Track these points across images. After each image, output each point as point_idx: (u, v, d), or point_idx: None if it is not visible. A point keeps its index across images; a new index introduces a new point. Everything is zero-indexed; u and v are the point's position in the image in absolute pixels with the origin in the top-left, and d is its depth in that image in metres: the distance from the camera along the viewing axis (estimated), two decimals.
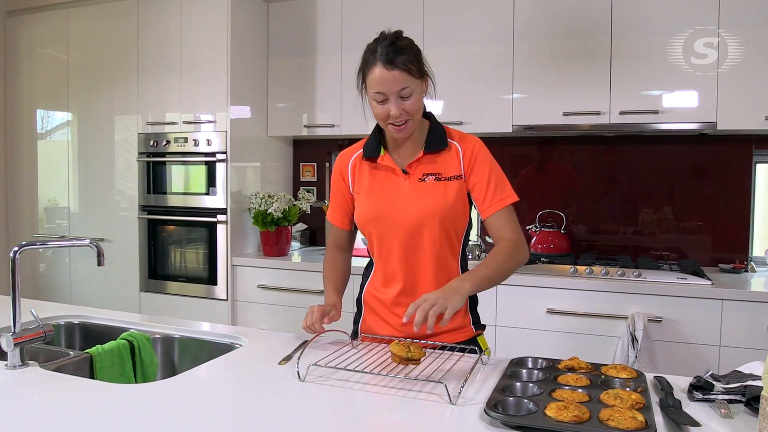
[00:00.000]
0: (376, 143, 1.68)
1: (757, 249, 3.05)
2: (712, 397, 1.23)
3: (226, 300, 3.29)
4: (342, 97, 3.36)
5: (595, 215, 3.25)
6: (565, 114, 2.92)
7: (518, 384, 1.25)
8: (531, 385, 1.24)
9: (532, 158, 3.35)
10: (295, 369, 1.41)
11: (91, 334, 1.92)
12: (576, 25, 2.91)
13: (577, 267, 2.77)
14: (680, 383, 1.33)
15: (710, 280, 2.57)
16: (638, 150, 3.15)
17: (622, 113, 2.83)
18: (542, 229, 3.20)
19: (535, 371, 1.33)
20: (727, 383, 1.27)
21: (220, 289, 3.31)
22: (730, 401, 1.22)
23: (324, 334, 1.62)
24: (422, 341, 1.52)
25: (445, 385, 1.22)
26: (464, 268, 1.68)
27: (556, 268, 2.82)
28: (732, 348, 2.44)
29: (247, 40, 3.36)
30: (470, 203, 1.66)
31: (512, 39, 3.01)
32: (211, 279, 3.33)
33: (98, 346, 1.64)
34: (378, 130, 1.70)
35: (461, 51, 3.11)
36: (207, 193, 3.33)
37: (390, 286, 1.66)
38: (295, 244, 3.68)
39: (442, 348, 1.53)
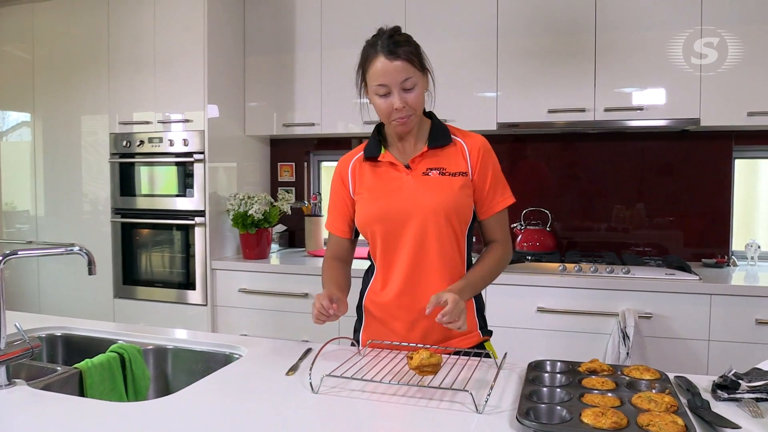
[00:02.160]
0: (376, 143, 1.64)
1: (737, 243, 3.09)
2: (738, 396, 1.22)
3: (206, 305, 3.18)
4: (322, 95, 3.28)
5: (577, 212, 3.26)
6: (550, 111, 2.91)
7: (545, 389, 1.21)
8: (558, 390, 1.20)
9: (515, 155, 3.33)
10: (304, 380, 1.34)
11: (74, 347, 1.81)
12: (560, 22, 2.90)
13: (566, 265, 2.76)
14: (700, 382, 1.31)
15: (697, 275, 2.59)
16: (620, 147, 3.17)
17: (606, 110, 2.83)
18: (527, 227, 3.18)
19: (558, 375, 1.29)
20: (750, 381, 1.25)
21: (198, 294, 3.20)
22: (757, 400, 1.20)
23: (326, 341, 1.56)
24: (432, 347, 1.46)
25: (471, 394, 1.17)
26: (469, 267, 1.64)
27: (544, 267, 2.80)
28: (721, 342, 2.47)
29: (223, 36, 3.25)
30: None
31: (496, 36, 2.98)
32: (189, 284, 3.21)
33: (87, 360, 1.53)
34: (377, 131, 1.66)
35: (444, 47, 3.06)
36: (183, 195, 3.21)
37: (393, 288, 1.61)
38: (274, 246, 3.59)
39: (457, 353, 1.48)
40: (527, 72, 2.95)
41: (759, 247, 2.92)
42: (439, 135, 1.60)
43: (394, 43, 1.49)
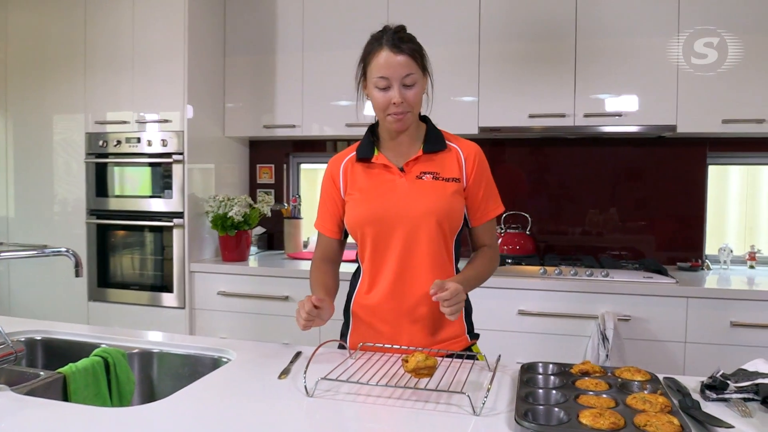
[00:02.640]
0: (369, 144, 1.64)
1: (710, 247, 3.17)
2: (727, 396, 1.24)
3: (184, 308, 3.13)
4: (303, 97, 3.27)
5: (555, 216, 3.30)
6: (531, 116, 2.94)
7: (541, 391, 1.22)
8: (554, 392, 1.21)
9: (494, 159, 3.32)
10: (297, 383, 1.33)
11: (55, 351, 1.76)
12: (541, 28, 2.93)
13: (546, 268, 2.79)
14: (687, 383, 1.33)
15: (674, 278, 2.65)
16: (598, 152, 3.22)
17: (586, 116, 2.88)
18: (507, 230, 3.21)
19: (552, 377, 1.30)
20: (736, 382, 1.28)
21: (176, 297, 3.14)
22: (745, 399, 1.23)
23: (314, 343, 1.54)
24: (425, 350, 1.47)
25: (468, 396, 1.18)
26: (457, 271, 1.66)
27: (525, 270, 2.83)
28: (697, 344, 2.52)
29: (204, 36, 3.21)
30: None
31: (478, 41, 3.01)
32: (167, 286, 3.16)
33: (71, 364, 1.49)
34: (371, 131, 1.66)
35: (426, 51, 3.07)
36: (161, 196, 3.16)
37: (381, 290, 1.60)
38: (252, 249, 3.55)
39: (449, 356, 1.48)
40: (509, 77, 2.98)
41: (731, 251, 3.00)
42: (435, 140, 1.61)
43: (400, 38, 1.52)
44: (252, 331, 3.03)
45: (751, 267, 3.00)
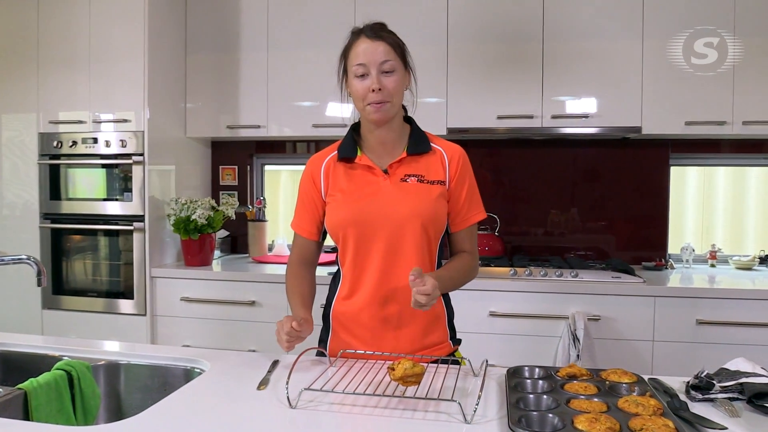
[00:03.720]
0: (352, 143, 1.59)
1: (672, 247, 3.23)
2: (712, 396, 1.25)
3: (144, 315, 3.01)
4: (268, 97, 3.19)
5: (522, 217, 3.31)
6: (499, 117, 2.94)
7: (531, 396, 1.19)
8: (545, 397, 1.19)
9: None
10: (279, 394, 1.27)
11: (12, 365, 1.65)
12: (509, 30, 2.94)
13: (516, 269, 2.79)
14: (672, 383, 1.33)
15: (641, 278, 2.69)
16: (564, 153, 3.25)
17: (553, 117, 2.90)
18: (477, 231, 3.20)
19: (539, 381, 1.28)
20: (720, 381, 1.29)
21: (136, 304, 3.02)
22: (730, 399, 1.24)
23: (294, 351, 1.49)
24: (409, 356, 1.43)
25: (459, 404, 1.15)
26: None
27: (495, 271, 2.83)
28: (664, 342, 2.56)
29: (164, 33, 3.10)
30: None
31: (446, 41, 3.00)
32: (126, 293, 3.03)
33: (32, 379, 1.40)
34: (354, 129, 1.62)
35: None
36: (120, 199, 3.03)
37: (363, 295, 1.56)
38: (216, 253, 3.45)
39: (435, 362, 1.45)
40: (477, 78, 2.98)
41: (693, 250, 3.06)
42: (419, 142, 1.58)
43: (380, 27, 1.52)
44: (217, 337, 2.94)
45: (712, 266, 3.07)
